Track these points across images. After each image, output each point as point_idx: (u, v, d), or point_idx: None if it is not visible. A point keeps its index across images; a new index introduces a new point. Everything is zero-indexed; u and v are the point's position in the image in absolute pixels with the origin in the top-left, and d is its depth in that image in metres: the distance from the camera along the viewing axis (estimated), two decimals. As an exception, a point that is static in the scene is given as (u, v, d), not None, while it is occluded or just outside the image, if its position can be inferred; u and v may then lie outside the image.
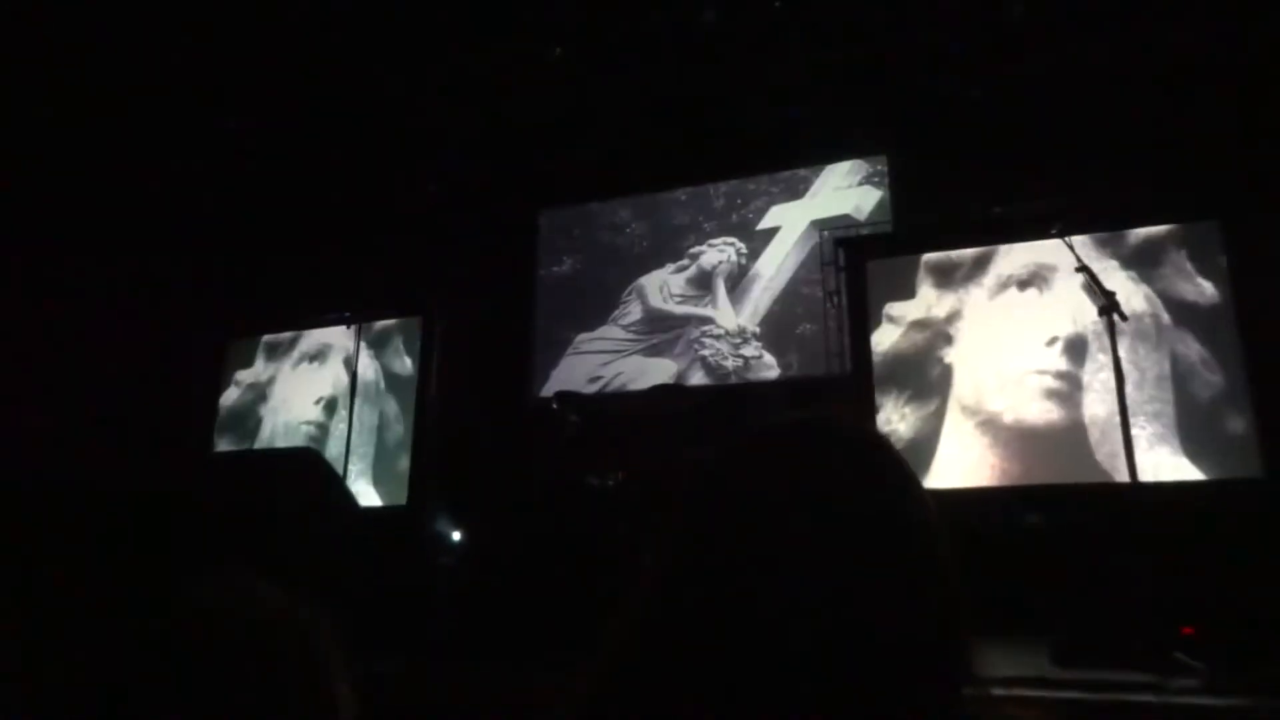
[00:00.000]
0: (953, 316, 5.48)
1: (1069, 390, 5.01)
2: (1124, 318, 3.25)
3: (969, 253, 5.55)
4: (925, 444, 5.24)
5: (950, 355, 5.40)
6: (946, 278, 5.56)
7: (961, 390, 5.29)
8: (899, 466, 0.76)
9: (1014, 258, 5.41)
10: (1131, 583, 3.25)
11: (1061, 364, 5.05)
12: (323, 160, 6.96)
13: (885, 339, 5.57)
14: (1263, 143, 4.99)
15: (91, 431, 5.69)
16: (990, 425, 5.13)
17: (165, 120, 6.30)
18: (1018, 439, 5.04)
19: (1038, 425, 5.02)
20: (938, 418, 5.30)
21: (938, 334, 5.47)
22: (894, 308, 5.62)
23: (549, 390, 6.42)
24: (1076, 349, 5.02)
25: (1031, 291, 5.32)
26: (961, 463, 5.11)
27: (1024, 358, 5.15)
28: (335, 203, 7.23)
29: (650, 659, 0.69)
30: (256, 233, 7.38)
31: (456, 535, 5.31)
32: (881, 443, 0.80)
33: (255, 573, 0.74)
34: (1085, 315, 5.00)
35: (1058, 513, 4.56)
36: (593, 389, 6.50)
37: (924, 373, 5.42)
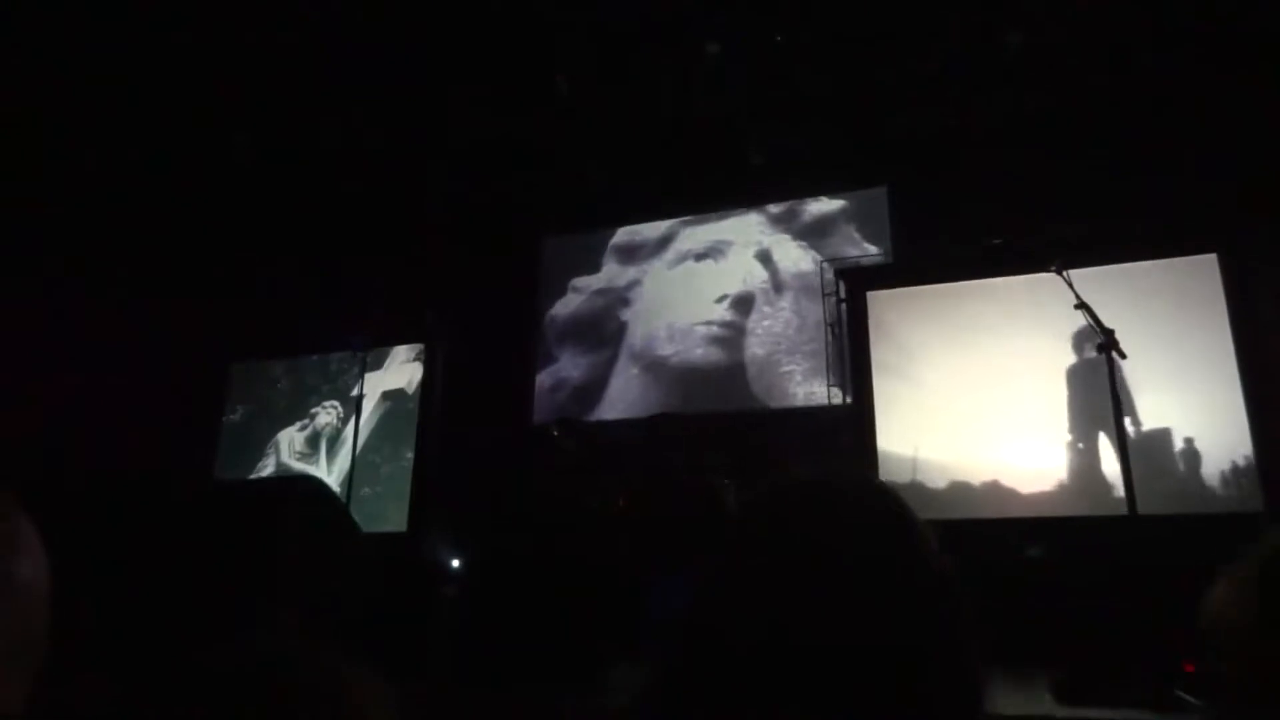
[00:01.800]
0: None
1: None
2: (1123, 355, 3.27)
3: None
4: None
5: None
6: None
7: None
8: (911, 523, 0.82)
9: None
10: (1132, 618, 3.24)
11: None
12: (327, 190, 7.04)
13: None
14: (1263, 179, 5.04)
15: (95, 451, 5.69)
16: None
17: (176, 146, 6.39)
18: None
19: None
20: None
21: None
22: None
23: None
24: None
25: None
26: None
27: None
28: (340, 230, 7.29)
29: (688, 689, 0.76)
30: (264, 258, 7.42)
31: (456, 563, 5.29)
32: (894, 501, 0.85)
33: (298, 628, 0.74)
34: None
35: (1058, 545, 4.55)
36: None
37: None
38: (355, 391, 5.30)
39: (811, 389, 6.07)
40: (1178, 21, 5.23)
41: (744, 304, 6.58)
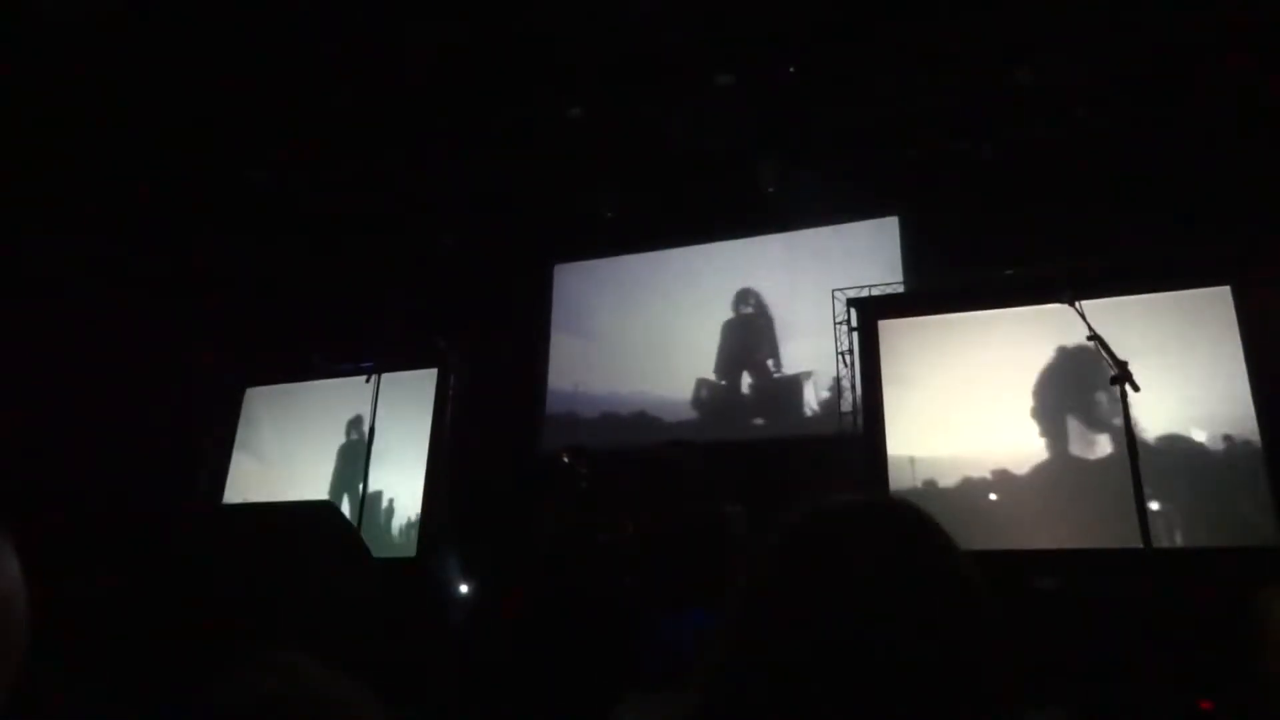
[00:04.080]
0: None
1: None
2: (1136, 388, 3.25)
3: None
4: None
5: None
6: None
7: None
8: (948, 544, 0.84)
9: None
10: (1148, 653, 3.19)
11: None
12: (341, 214, 7.13)
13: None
14: (1276, 208, 5.03)
15: (108, 476, 5.73)
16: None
17: (196, 172, 6.50)
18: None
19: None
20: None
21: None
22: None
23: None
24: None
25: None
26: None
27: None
28: (353, 256, 7.37)
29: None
30: (278, 284, 7.51)
31: (465, 589, 5.29)
32: (930, 521, 0.87)
33: (304, 654, 0.75)
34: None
35: (1072, 578, 4.50)
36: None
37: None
38: (367, 416, 5.32)
39: (823, 417, 6.05)
40: (1189, 54, 5.27)
41: (755, 332, 6.59)
